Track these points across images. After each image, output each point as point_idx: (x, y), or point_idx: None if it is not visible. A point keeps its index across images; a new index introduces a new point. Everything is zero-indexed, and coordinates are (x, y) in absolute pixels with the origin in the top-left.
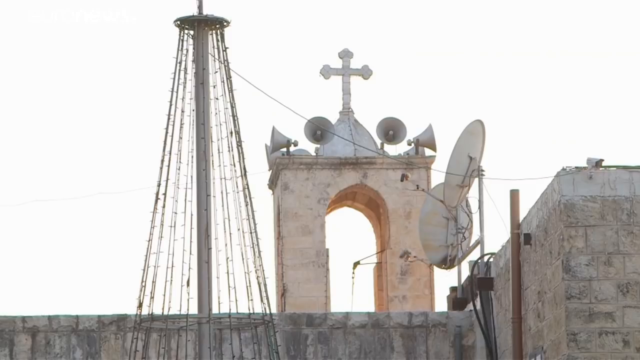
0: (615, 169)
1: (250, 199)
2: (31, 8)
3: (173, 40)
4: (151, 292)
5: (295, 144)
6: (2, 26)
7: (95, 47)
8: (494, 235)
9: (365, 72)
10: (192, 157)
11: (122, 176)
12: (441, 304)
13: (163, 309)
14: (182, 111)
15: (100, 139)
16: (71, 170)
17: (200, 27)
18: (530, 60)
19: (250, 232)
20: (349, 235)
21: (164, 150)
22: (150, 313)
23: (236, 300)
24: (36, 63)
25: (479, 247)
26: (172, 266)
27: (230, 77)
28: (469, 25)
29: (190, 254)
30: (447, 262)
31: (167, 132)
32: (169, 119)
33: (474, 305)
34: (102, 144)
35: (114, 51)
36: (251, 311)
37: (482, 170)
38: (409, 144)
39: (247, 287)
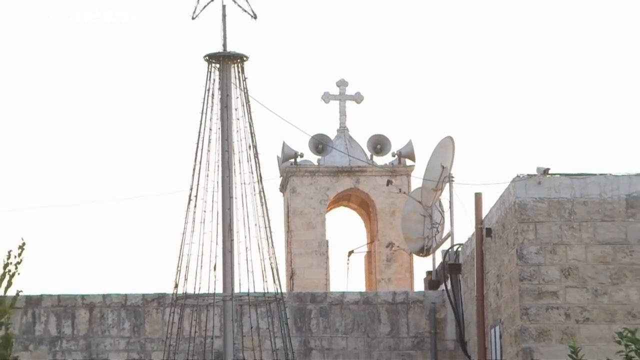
0: (559, 176)
1: (264, 200)
2: (31, 8)
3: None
4: (185, 275)
5: (301, 156)
6: (2, 26)
7: (94, 47)
8: (461, 229)
9: (358, 98)
10: (218, 166)
11: (161, 182)
12: (419, 285)
13: (195, 288)
14: (210, 129)
15: (140, 150)
16: (120, 177)
17: (225, 61)
18: (491, 88)
19: (265, 227)
20: (345, 229)
21: (195, 160)
22: (185, 292)
23: (254, 282)
24: (36, 63)
25: (449, 239)
26: (202, 254)
27: (249, 102)
28: (442, 59)
29: (217, 244)
30: (424, 251)
31: (198, 146)
32: (199, 135)
33: (446, 286)
34: (143, 155)
35: (114, 51)
36: (266, 291)
37: (452, 177)
38: (393, 156)
39: (262, 271)
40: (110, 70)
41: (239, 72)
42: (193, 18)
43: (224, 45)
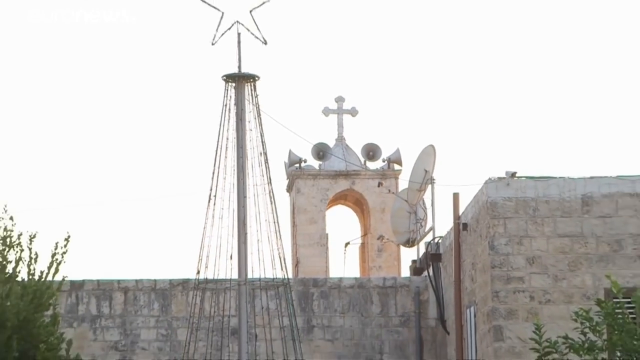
0: (524, 178)
1: (273, 199)
2: (31, 8)
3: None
4: (206, 263)
5: (305, 161)
6: (2, 26)
7: (94, 47)
8: (441, 224)
9: (353, 112)
10: (234, 170)
11: (185, 183)
12: (405, 271)
13: (214, 274)
14: (227, 138)
15: (166, 156)
16: (150, 179)
17: (240, 81)
18: (468, 102)
19: (274, 222)
20: (342, 224)
21: (214, 165)
22: (205, 277)
23: (264, 269)
24: (36, 63)
25: (431, 232)
26: (220, 245)
27: (260, 115)
28: (426, 77)
29: (232, 237)
30: (410, 243)
31: (217, 153)
32: (218, 144)
33: (428, 272)
34: (169, 160)
35: (114, 51)
36: (274, 276)
37: (434, 179)
38: (383, 161)
39: (271, 260)
40: (117, 72)
41: (251, 89)
42: (213, 44)
43: (239, 67)
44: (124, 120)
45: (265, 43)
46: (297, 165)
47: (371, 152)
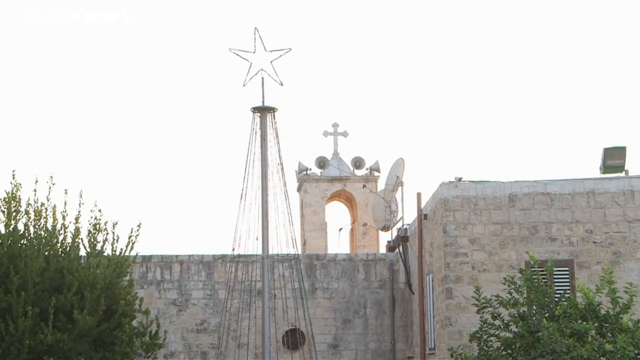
0: (468, 182)
1: (287, 196)
2: (31, 8)
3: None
4: (239, 242)
5: (310, 170)
6: (2, 26)
7: (94, 47)
8: (409, 215)
9: (345, 134)
10: (259, 176)
11: (223, 186)
12: (383, 249)
13: (245, 251)
14: (254, 153)
15: (207, 164)
16: (195, 179)
17: (263, 111)
18: (427, 126)
19: (288, 213)
20: (337, 214)
21: (245, 172)
22: (238, 253)
23: (281, 247)
24: (36, 63)
25: (401, 220)
26: (249, 230)
27: (278, 136)
28: (397, 110)
29: (258, 223)
30: (385, 228)
31: (247, 163)
32: (247, 157)
33: (399, 249)
34: (215, 169)
35: (115, 51)
36: (288, 252)
37: (403, 183)
38: (367, 170)
39: (286, 240)
40: (123, 74)
41: (272, 118)
42: (244, 85)
43: (262, 101)
44: (168, 135)
45: (282, 84)
46: (305, 172)
47: (358, 162)
